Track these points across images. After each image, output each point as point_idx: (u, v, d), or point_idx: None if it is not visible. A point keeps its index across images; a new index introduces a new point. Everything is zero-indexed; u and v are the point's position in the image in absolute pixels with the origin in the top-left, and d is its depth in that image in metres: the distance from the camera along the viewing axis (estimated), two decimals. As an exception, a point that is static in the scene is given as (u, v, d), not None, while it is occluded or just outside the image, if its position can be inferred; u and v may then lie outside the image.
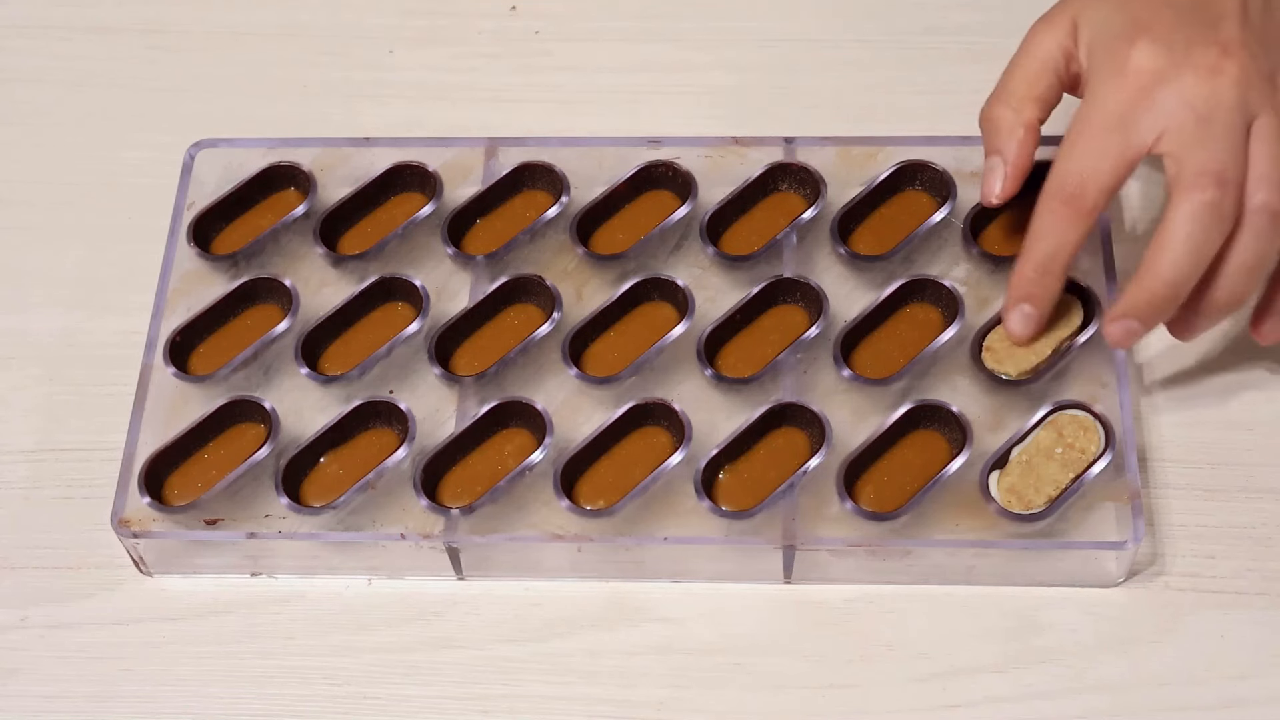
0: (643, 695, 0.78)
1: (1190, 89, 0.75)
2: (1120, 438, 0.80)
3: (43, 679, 0.79)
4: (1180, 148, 0.74)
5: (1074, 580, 0.79)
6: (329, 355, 0.85)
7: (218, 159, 0.91)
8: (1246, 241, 0.75)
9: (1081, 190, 0.76)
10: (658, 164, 0.89)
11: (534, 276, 0.86)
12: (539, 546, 0.80)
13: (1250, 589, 0.79)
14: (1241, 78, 0.74)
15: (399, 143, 0.91)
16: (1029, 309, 0.79)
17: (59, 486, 0.84)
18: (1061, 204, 0.76)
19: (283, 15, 1.01)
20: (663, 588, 0.80)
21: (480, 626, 0.80)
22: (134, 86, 0.99)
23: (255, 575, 0.82)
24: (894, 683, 0.77)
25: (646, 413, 0.82)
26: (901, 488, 0.79)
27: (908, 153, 0.88)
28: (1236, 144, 0.74)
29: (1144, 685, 0.77)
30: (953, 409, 0.81)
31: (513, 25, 1.00)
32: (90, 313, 0.90)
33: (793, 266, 0.86)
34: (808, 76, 0.97)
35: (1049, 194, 0.77)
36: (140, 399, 0.84)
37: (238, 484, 0.81)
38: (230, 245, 0.89)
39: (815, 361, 0.84)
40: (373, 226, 0.89)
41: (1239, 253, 0.75)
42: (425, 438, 0.82)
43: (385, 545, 0.80)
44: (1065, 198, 0.76)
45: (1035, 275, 0.78)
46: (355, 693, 0.78)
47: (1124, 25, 0.77)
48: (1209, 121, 0.74)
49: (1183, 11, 0.76)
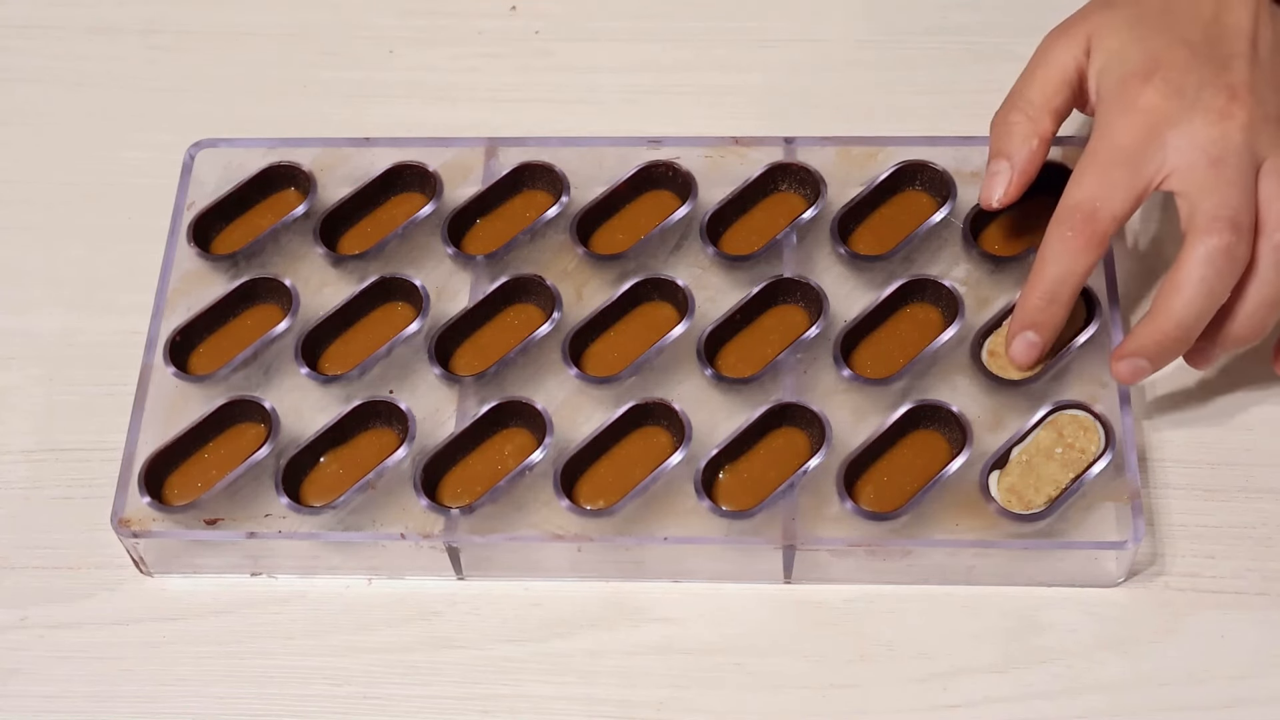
0: (643, 695, 0.78)
1: (1200, 131, 0.75)
2: (1120, 438, 0.80)
3: (43, 679, 0.79)
4: (1193, 189, 0.75)
5: (1074, 580, 0.79)
6: (329, 355, 0.85)
7: (218, 159, 0.91)
8: (1268, 277, 0.76)
9: (1092, 216, 0.76)
10: (658, 164, 0.89)
11: (534, 276, 0.86)
12: (539, 546, 0.80)
13: (1250, 589, 0.79)
14: (1249, 122, 0.75)
15: (399, 143, 0.91)
16: (1033, 337, 0.80)
17: (59, 486, 0.84)
18: (1072, 231, 0.77)
19: (283, 15, 1.01)
20: (663, 588, 0.80)
21: (480, 626, 0.80)
22: (134, 86, 0.99)
23: (255, 575, 0.82)
24: (894, 683, 0.77)
25: (646, 413, 0.82)
26: (901, 488, 0.79)
27: (908, 153, 0.88)
28: (1248, 187, 0.75)
29: (1144, 685, 0.77)
30: (953, 409, 0.81)
31: (513, 25, 1.00)
32: (90, 313, 0.90)
33: (793, 266, 0.86)
34: (808, 76, 0.97)
35: (1059, 221, 0.77)
36: (140, 399, 0.84)
37: (238, 484, 0.81)
38: (230, 245, 0.89)
39: (815, 361, 0.84)
40: (373, 226, 0.89)
41: (1259, 288, 0.76)
42: (425, 438, 0.82)
43: (385, 545, 0.80)
44: (1076, 224, 0.77)
45: (1042, 303, 0.78)
46: (355, 693, 0.78)
47: (1138, 61, 0.77)
48: (1220, 164, 0.75)
49: (1197, 48, 0.77)
